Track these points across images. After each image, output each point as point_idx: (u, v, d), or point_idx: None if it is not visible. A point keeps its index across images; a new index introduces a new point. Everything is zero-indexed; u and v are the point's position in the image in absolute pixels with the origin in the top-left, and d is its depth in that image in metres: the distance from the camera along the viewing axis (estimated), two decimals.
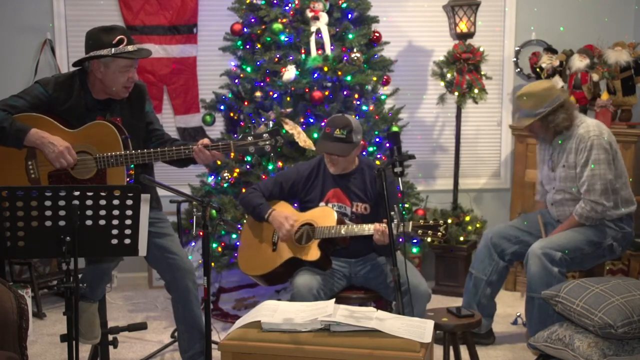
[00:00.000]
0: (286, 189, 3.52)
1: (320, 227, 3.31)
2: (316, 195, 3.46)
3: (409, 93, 5.08)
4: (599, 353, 3.09)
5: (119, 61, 3.02)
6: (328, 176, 3.47)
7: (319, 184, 3.47)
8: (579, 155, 3.60)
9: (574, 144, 3.63)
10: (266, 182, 3.60)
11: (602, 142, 3.57)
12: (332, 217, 3.31)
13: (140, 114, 3.23)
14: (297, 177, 3.51)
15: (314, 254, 3.29)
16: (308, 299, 3.13)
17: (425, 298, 3.24)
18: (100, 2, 4.92)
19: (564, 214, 3.74)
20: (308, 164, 3.59)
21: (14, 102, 3.01)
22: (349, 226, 3.26)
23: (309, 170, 3.52)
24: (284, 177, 3.55)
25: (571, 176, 3.65)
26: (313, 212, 3.41)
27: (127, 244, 2.62)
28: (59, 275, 4.64)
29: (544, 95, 3.65)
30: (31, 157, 3.03)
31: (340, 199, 3.42)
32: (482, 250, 3.91)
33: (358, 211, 3.43)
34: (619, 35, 4.94)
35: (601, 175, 3.54)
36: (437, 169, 5.35)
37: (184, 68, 5.03)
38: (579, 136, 3.62)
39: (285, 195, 3.53)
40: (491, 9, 5.15)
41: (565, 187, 3.69)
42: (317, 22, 4.25)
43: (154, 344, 3.95)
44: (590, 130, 3.59)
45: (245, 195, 3.55)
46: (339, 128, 3.32)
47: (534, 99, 3.66)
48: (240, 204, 3.67)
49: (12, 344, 2.71)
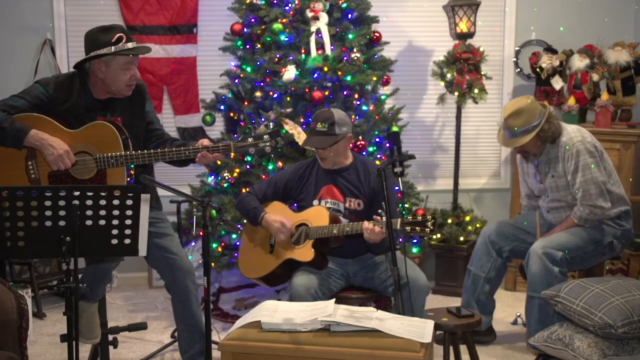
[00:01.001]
0: (280, 189, 3.54)
1: (313, 227, 3.32)
2: (310, 192, 3.47)
3: (409, 93, 5.08)
4: (599, 353, 3.09)
5: (119, 59, 3.02)
6: (321, 173, 3.49)
7: (313, 181, 3.49)
8: (567, 163, 3.60)
9: (560, 152, 3.62)
10: (261, 184, 3.63)
11: (586, 146, 3.57)
12: (325, 217, 3.32)
13: (140, 114, 3.23)
14: (291, 177, 3.53)
15: (308, 255, 3.30)
16: (306, 299, 3.14)
17: (424, 291, 3.25)
18: (100, 2, 4.92)
19: (560, 219, 3.74)
20: (301, 163, 3.61)
21: (14, 102, 3.01)
22: (341, 225, 3.27)
23: (302, 170, 3.54)
24: (278, 178, 3.58)
25: (563, 185, 3.66)
26: (308, 212, 3.42)
27: (127, 244, 2.62)
28: (59, 275, 4.64)
29: (533, 108, 3.62)
30: (31, 158, 3.03)
31: (333, 195, 3.44)
32: (480, 248, 3.91)
33: (351, 207, 3.43)
34: (619, 35, 4.94)
35: (594, 179, 3.54)
36: (437, 169, 5.35)
37: (184, 68, 5.03)
38: (562, 144, 3.61)
39: (279, 196, 3.55)
40: (491, 9, 5.15)
41: (558, 196, 3.70)
42: (317, 22, 4.25)
43: (154, 344, 3.95)
44: (573, 137, 3.60)
45: (240, 200, 3.57)
46: (320, 121, 3.37)
47: (526, 114, 3.61)
48: (237, 209, 3.69)
49: (12, 344, 2.71)
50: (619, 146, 4.53)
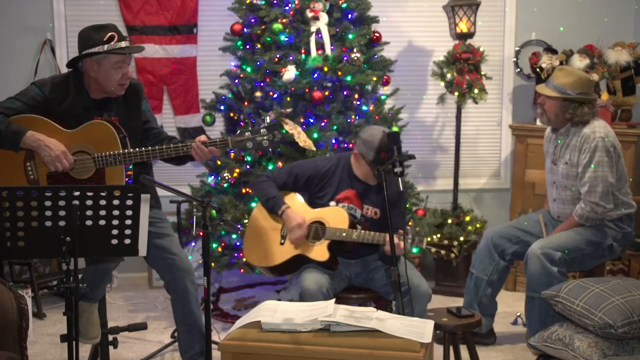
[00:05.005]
0: (301, 182, 3.49)
1: (331, 227, 3.31)
2: (329, 193, 3.44)
3: (409, 93, 5.07)
4: (599, 353, 3.09)
5: (111, 57, 3.02)
6: (345, 177, 3.45)
7: (335, 182, 3.45)
8: (582, 155, 3.58)
9: (578, 142, 3.60)
10: (280, 172, 3.55)
11: (606, 144, 3.54)
12: (345, 220, 3.30)
13: (137, 113, 3.23)
14: (314, 173, 3.48)
15: (323, 255, 3.29)
16: (317, 297, 3.12)
17: (426, 298, 3.24)
18: (100, 2, 4.92)
19: (564, 213, 3.73)
20: (327, 159, 3.56)
21: (11, 104, 3.01)
22: (361, 232, 3.25)
23: (327, 167, 3.48)
24: (300, 170, 3.51)
25: (572, 175, 3.64)
26: (325, 210, 3.39)
27: (127, 244, 2.62)
28: (59, 275, 4.64)
29: (583, 81, 3.59)
30: (30, 159, 3.03)
31: (352, 201, 3.41)
32: (483, 250, 3.90)
33: (368, 215, 3.42)
34: (619, 35, 4.94)
35: (603, 178, 3.53)
36: (437, 169, 5.35)
37: (184, 68, 5.03)
38: (584, 135, 3.58)
39: (298, 188, 3.51)
40: (491, 9, 5.15)
41: (566, 184, 3.68)
42: (317, 22, 4.24)
43: (154, 344, 3.95)
44: (596, 132, 3.56)
45: (257, 182, 3.53)
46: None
47: (572, 78, 3.59)
48: (251, 189, 3.63)
49: (12, 344, 2.71)
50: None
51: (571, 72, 3.67)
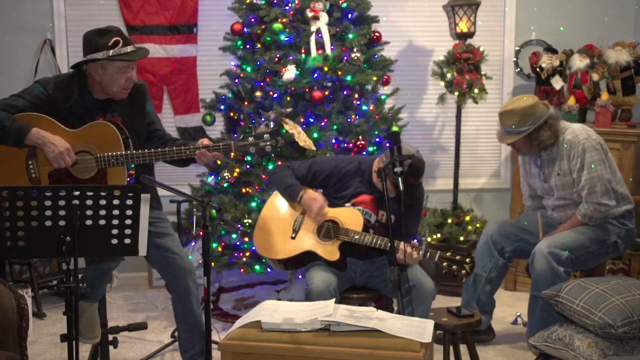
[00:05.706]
0: (319, 180, 3.48)
1: (345, 228, 3.30)
2: (346, 195, 3.42)
3: (409, 93, 5.08)
4: (599, 353, 3.09)
5: (115, 63, 3.02)
6: (367, 183, 3.42)
7: (354, 185, 3.43)
8: (573, 161, 3.59)
9: (565, 151, 3.62)
10: (301, 165, 3.54)
11: (592, 143, 3.57)
12: (360, 223, 3.29)
13: (141, 114, 3.23)
14: (333, 172, 3.46)
15: (334, 254, 3.28)
16: (325, 296, 3.11)
17: (430, 296, 3.25)
18: (100, 2, 4.92)
19: (565, 217, 3.74)
20: (348, 160, 3.52)
21: (14, 102, 3.01)
22: (374, 237, 3.24)
23: (347, 168, 3.46)
24: (319, 168, 3.49)
25: (568, 183, 3.65)
26: (340, 210, 3.38)
27: (127, 244, 2.61)
28: (59, 275, 4.64)
29: (528, 113, 3.60)
30: (32, 157, 3.03)
31: (368, 205, 3.39)
32: (482, 247, 3.91)
33: (383, 220, 3.40)
34: (619, 35, 4.94)
35: (599, 177, 3.54)
36: (437, 168, 5.35)
37: (184, 68, 5.03)
38: (568, 142, 3.60)
39: (316, 185, 3.50)
40: (491, 9, 5.15)
41: (564, 194, 3.68)
42: (317, 22, 4.24)
43: (154, 344, 3.95)
44: (578, 135, 3.59)
45: (277, 172, 3.52)
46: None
47: (518, 116, 3.61)
48: (270, 179, 3.63)
49: (12, 344, 2.71)
50: (619, 146, 4.53)
51: (512, 111, 3.63)
